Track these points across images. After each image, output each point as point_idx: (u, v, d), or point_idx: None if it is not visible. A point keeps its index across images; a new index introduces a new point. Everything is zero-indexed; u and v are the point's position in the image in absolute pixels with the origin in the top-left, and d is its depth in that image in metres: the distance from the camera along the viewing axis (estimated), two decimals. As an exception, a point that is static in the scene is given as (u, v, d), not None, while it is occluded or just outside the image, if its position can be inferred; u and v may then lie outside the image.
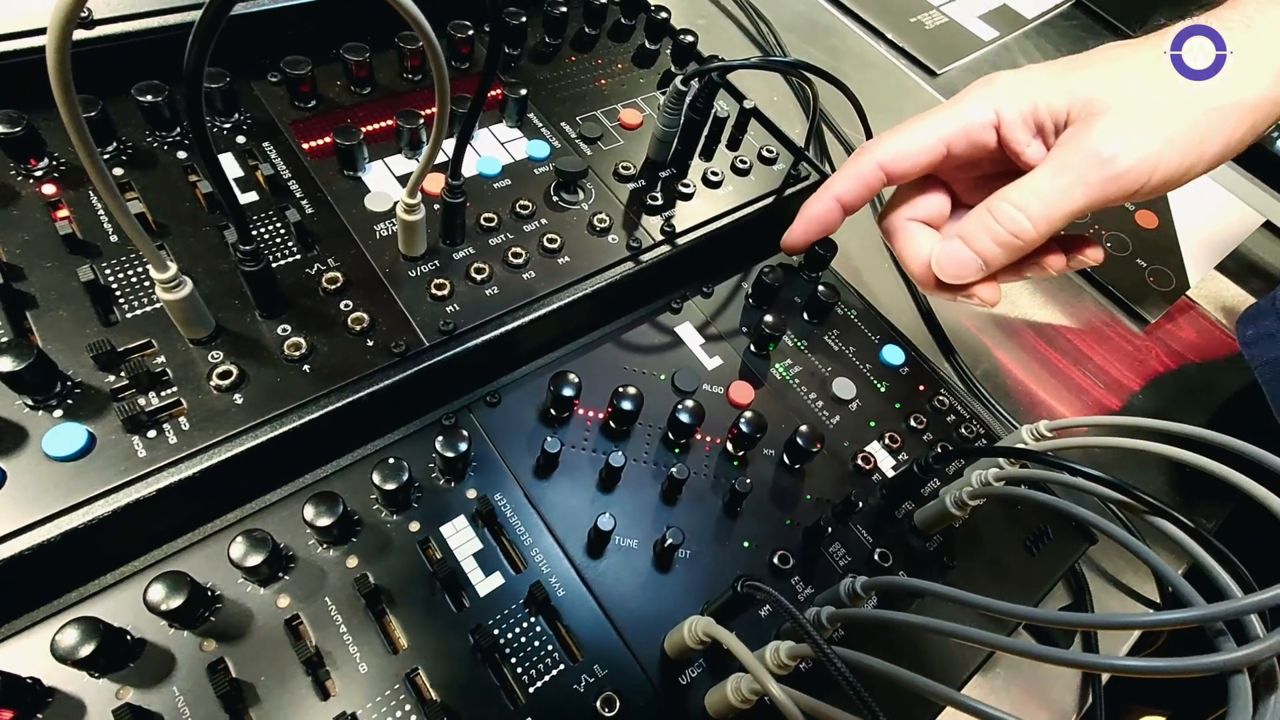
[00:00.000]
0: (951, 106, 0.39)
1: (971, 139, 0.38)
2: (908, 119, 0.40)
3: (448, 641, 0.33)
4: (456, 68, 0.52)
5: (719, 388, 0.45)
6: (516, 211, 0.46)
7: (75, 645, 0.29)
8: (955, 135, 0.38)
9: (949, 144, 0.38)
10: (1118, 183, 0.34)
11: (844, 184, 0.41)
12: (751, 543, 0.40)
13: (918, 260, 0.40)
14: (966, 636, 0.25)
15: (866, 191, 0.41)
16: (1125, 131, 0.34)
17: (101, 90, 0.40)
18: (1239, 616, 0.24)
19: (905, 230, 0.41)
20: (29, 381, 0.32)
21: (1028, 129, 0.37)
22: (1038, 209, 0.35)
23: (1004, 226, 0.36)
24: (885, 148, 0.39)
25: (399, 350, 0.38)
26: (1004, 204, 0.36)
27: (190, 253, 0.39)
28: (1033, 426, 0.39)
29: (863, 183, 0.40)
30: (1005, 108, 0.37)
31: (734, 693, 0.31)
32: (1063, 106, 0.36)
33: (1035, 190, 0.35)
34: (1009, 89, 0.37)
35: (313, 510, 0.33)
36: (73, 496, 0.31)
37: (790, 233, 0.43)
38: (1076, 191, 0.34)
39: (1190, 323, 0.67)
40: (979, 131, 0.38)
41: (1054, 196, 0.35)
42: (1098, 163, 0.34)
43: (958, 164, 0.40)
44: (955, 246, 0.37)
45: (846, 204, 0.42)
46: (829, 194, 0.42)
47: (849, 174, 0.41)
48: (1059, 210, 0.35)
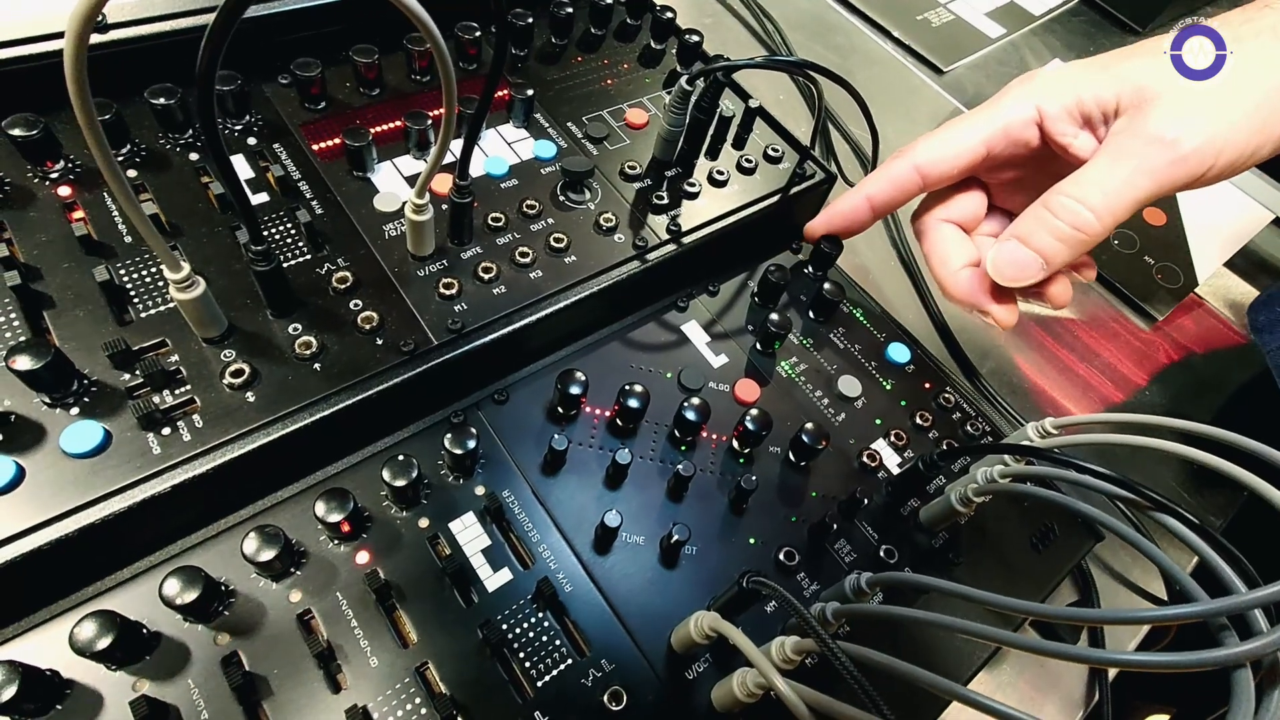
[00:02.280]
0: (990, 107, 0.38)
1: (1012, 137, 0.37)
2: (946, 121, 0.39)
3: (457, 636, 0.34)
4: (464, 69, 0.53)
5: (725, 385, 0.45)
6: (524, 211, 0.46)
7: (93, 638, 0.29)
8: (995, 135, 0.37)
9: (989, 145, 0.37)
10: (1184, 166, 0.32)
11: (877, 185, 0.40)
12: (757, 539, 0.40)
13: (945, 264, 0.39)
14: (971, 631, 0.25)
15: (900, 195, 0.40)
16: (1185, 114, 0.32)
17: (115, 93, 0.41)
18: (1243, 612, 0.24)
19: (937, 231, 0.40)
20: (46, 380, 0.32)
21: (1074, 121, 0.35)
22: (1099, 200, 0.33)
23: (1065, 221, 0.34)
24: (922, 151, 0.38)
25: (408, 349, 0.38)
26: (1063, 198, 0.34)
27: (203, 253, 0.40)
28: (1038, 423, 0.40)
29: (897, 185, 0.40)
30: (1047, 102, 0.36)
31: (740, 687, 0.31)
32: (1111, 96, 0.34)
33: (1096, 181, 0.33)
34: (1051, 83, 0.36)
35: (324, 506, 0.34)
36: (89, 493, 0.32)
37: (815, 222, 0.42)
38: (1141, 179, 0.33)
39: (1198, 320, 0.67)
40: (1020, 129, 0.36)
41: (1117, 186, 0.33)
42: (1160, 147, 0.32)
43: (997, 164, 0.38)
44: (1012, 246, 0.36)
45: (877, 205, 0.41)
46: (861, 193, 0.41)
47: (883, 175, 0.40)
48: (1123, 200, 0.33)
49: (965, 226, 0.40)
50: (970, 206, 0.40)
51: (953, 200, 0.40)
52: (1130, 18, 0.93)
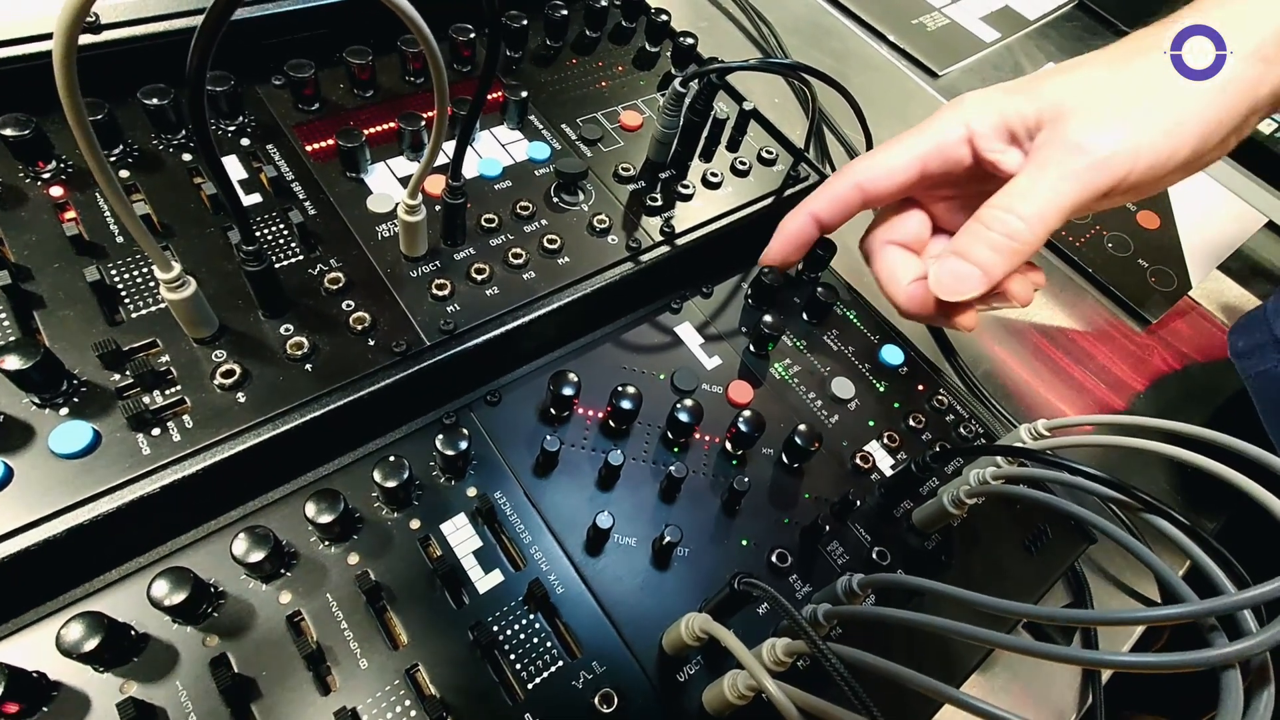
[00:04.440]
0: (923, 127, 0.40)
1: (945, 156, 0.38)
2: (893, 115, 0.40)
3: (447, 638, 0.34)
4: (458, 70, 0.53)
5: (718, 387, 0.45)
6: (517, 212, 0.46)
7: (80, 640, 0.29)
8: (929, 153, 0.39)
9: (924, 162, 0.39)
10: (1103, 170, 0.34)
11: (820, 202, 0.42)
12: (750, 541, 0.40)
13: (894, 282, 0.41)
14: (963, 634, 0.25)
15: (843, 210, 0.42)
16: (1098, 122, 0.34)
17: (108, 94, 0.41)
18: (1232, 612, 0.24)
19: (884, 253, 0.42)
20: (36, 380, 0.32)
21: (1001, 138, 0.37)
22: (1028, 209, 0.35)
23: (998, 232, 0.36)
24: (861, 169, 0.40)
25: (400, 350, 0.38)
26: (995, 210, 0.36)
27: (195, 254, 0.40)
28: (1031, 425, 0.40)
29: (840, 202, 0.41)
30: (975, 121, 0.38)
31: (731, 689, 0.31)
32: (1032, 112, 0.36)
33: (1022, 192, 0.35)
34: (976, 104, 0.38)
35: (314, 508, 0.34)
36: (78, 493, 0.31)
37: (768, 250, 0.45)
38: (1064, 185, 0.34)
39: (1192, 323, 0.67)
40: (952, 148, 0.38)
41: (1043, 194, 0.35)
42: (1078, 154, 0.34)
43: (934, 184, 0.40)
44: (952, 263, 0.37)
45: (823, 222, 0.43)
46: (805, 211, 0.43)
47: (826, 194, 0.42)
48: (1050, 207, 0.35)
49: (911, 248, 0.42)
50: (913, 228, 0.42)
51: (896, 223, 0.42)
52: (1123, 21, 0.94)
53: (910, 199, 0.42)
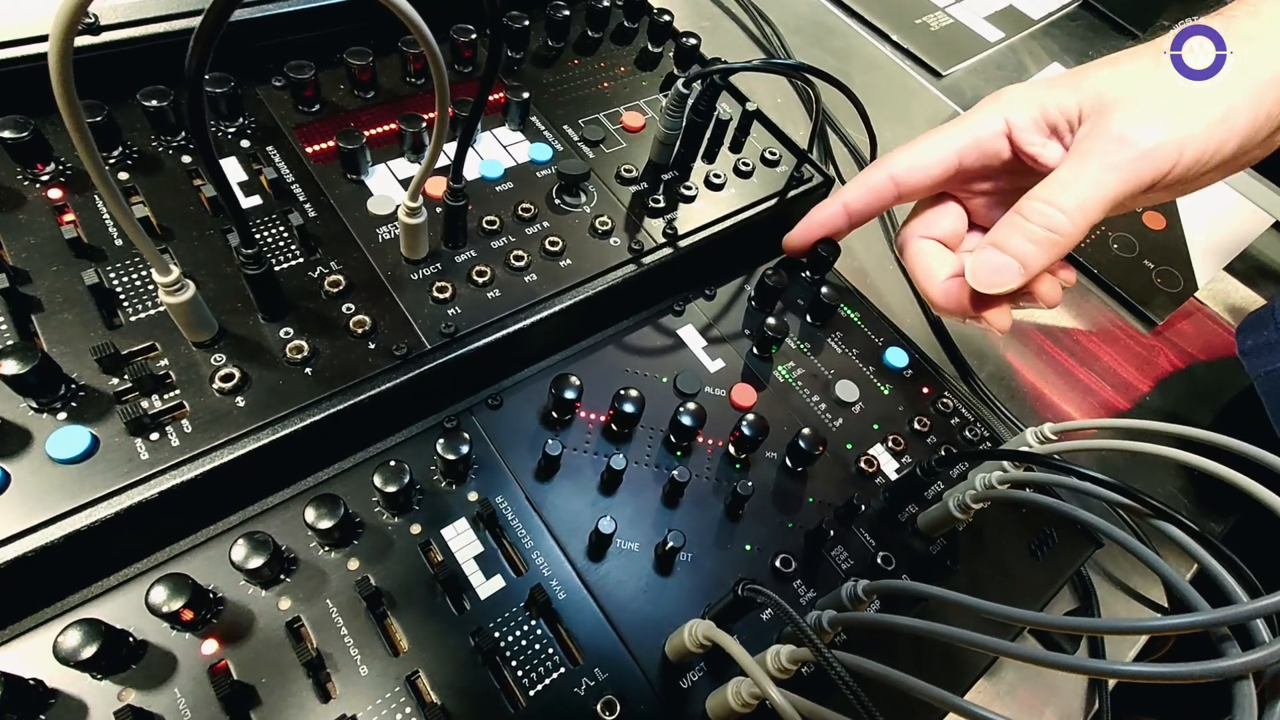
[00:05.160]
0: (961, 120, 0.39)
1: (983, 149, 0.38)
2: (920, 134, 0.40)
3: (448, 644, 0.33)
4: (459, 71, 0.52)
5: (721, 390, 0.45)
6: (519, 214, 0.46)
7: (77, 647, 0.29)
8: (967, 147, 0.38)
9: (961, 156, 0.38)
10: (1147, 162, 0.33)
11: (854, 193, 0.41)
12: (753, 546, 0.40)
13: (931, 278, 0.40)
14: (968, 641, 0.25)
15: (876, 202, 0.41)
16: (1144, 115, 0.34)
17: (107, 95, 0.41)
18: (1244, 621, 0.24)
19: (920, 248, 0.41)
20: (33, 384, 0.32)
21: (1041, 131, 0.37)
22: (1069, 201, 0.34)
23: (1038, 224, 0.35)
24: (898, 161, 0.40)
25: (401, 353, 0.38)
26: (1035, 202, 0.35)
27: (194, 256, 0.39)
28: (1037, 429, 0.39)
29: (873, 193, 0.41)
30: (1015, 114, 0.37)
31: (734, 697, 0.31)
32: (1074, 105, 0.35)
33: (1064, 183, 0.34)
34: (1016, 97, 0.37)
35: (314, 513, 0.34)
36: (76, 499, 0.31)
37: (792, 234, 0.44)
38: (1107, 178, 0.33)
39: (1198, 324, 0.66)
40: (990, 141, 0.38)
41: (1085, 186, 0.34)
42: (1122, 145, 0.33)
43: (971, 178, 0.40)
44: (989, 254, 0.36)
45: (854, 213, 0.42)
46: (838, 201, 0.42)
47: (860, 184, 0.41)
48: (1092, 199, 0.34)
49: (947, 244, 0.42)
50: (949, 223, 0.41)
51: (931, 217, 0.41)
52: (1128, 20, 0.93)
53: (946, 194, 0.41)
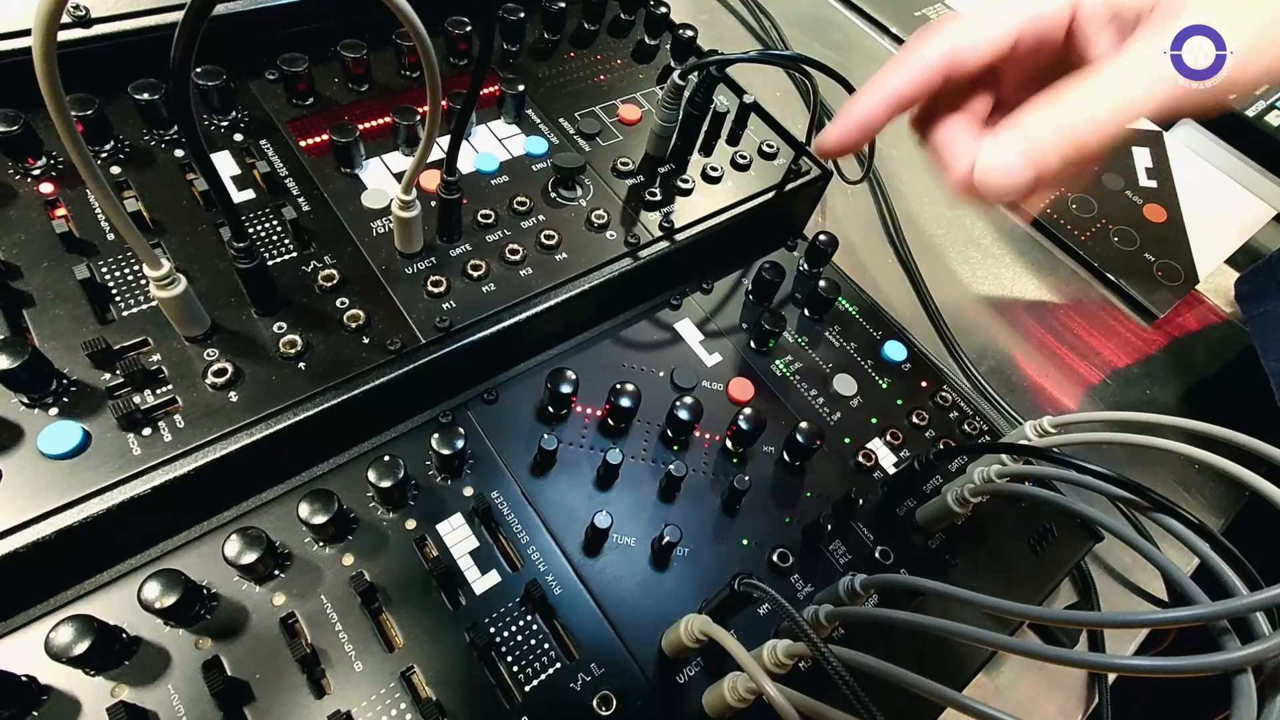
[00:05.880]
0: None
1: (1041, 31, 0.33)
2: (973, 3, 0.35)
3: (444, 640, 0.33)
4: (454, 64, 0.52)
5: (718, 384, 0.45)
6: (514, 208, 0.46)
7: (70, 643, 0.29)
8: (1026, 25, 0.33)
9: (1020, 35, 0.33)
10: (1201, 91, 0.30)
11: (903, 76, 0.34)
12: (750, 541, 0.39)
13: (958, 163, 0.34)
14: (966, 636, 0.24)
15: (925, 90, 0.35)
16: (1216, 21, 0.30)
17: (99, 89, 0.40)
18: (1244, 615, 0.24)
19: (944, 129, 0.35)
20: (24, 380, 0.32)
21: (1108, 21, 0.33)
22: (1107, 111, 0.30)
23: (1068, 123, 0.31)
24: (956, 36, 0.34)
25: (395, 347, 0.38)
26: (1071, 99, 0.31)
27: (187, 250, 0.39)
28: (1036, 422, 0.39)
29: (925, 78, 0.34)
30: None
31: (731, 692, 0.31)
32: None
33: (1109, 85, 0.31)
34: None
35: (308, 508, 0.33)
36: (67, 494, 0.31)
37: (827, 133, 0.36)
38: (1156, 91, 0.30)
39: (1199, 317, 0.66)
40: (1050, 22, 0.33)
41: (1129, 94, 0.30)
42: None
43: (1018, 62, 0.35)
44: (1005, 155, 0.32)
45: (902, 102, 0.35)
46: (884, 88, 0.35)
47: (909, 65, 0.34)
48: (1133, 110, 0.30)
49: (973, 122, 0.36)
50: (978, 103, 0.36)
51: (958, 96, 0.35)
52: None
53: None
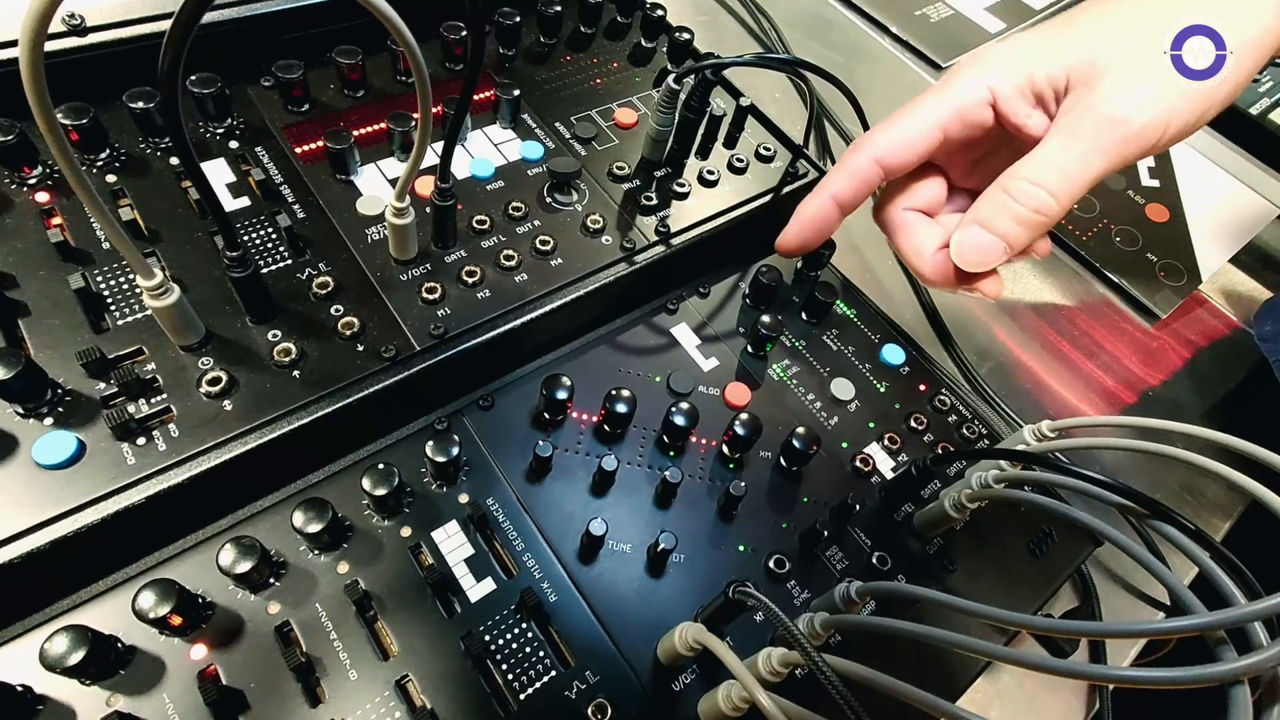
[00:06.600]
0: (942, 89, 0.37)
1: (967, 120, 0.36)
2: (897, 109, 0.39)
3: (439, 648, 0.33)
4: (449, 69, 0.52)
5: (715, 389, 0.44)
6: (509, 213, 0.45)
7: (64, 653, 0.29)
8: (950, 119, 0.37)
9: (945, 129, 0.37)
10: (1136, 141, 0.33)
11: (840, 182, 0.39)
12: (747, 547, 0.39)
13: (919, 253, 0.38)
14: (963, 645, 0.24)
15: (864, 189, 0.39)
16: (1133, 89, 0.33)
17: (95, 97, 0.40)
18: (1242, 625, 0.23)
19: (904, 222, 0.39)
20: (19, 389, 0.32)
21: (1027, 101, 0.35)
22: (1056, 182, 0.33)
23: (1024, 204, 0.34)
24: (880, 141, 0.38)
25: (389, 355, 0.38)
26: (1020, 181, 0.34)
27: (182, 259, 0.39)
28: (1035, 427, 0.39)
29: (860, 180, 0.39)
30: (1000, 83, 0.36)
31: (725, 700, 0.31)
32: (1061, 73, 0.34)
33: (1052, 163, 0.34)
34: (1001, 63, 0.36)
35: (303, 516, 0.33)
36: (62, 504, 0.31)
37: (785, 235, 0.41)
38: (1094, 159, 0.33)
39: (1202, 317, 0.66)
40: (974, 111, 0.36)
41: (1072, 167, 0.33)
42: (1112, 126, 0.33)
43: (953, 148, 0.38)
44: (975, 233, 0.35)
45: (844, 204, 0.40)
46: (825, 193, 0.40)
47: (845, 172, 0.39)
48: (1079, 180, 0.33)
49: (929, 212, 0.40)
50: (932, 192, 0.40)
51: (914, 189, 0.40)
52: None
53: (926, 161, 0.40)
